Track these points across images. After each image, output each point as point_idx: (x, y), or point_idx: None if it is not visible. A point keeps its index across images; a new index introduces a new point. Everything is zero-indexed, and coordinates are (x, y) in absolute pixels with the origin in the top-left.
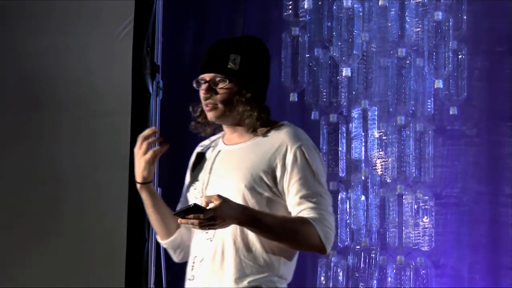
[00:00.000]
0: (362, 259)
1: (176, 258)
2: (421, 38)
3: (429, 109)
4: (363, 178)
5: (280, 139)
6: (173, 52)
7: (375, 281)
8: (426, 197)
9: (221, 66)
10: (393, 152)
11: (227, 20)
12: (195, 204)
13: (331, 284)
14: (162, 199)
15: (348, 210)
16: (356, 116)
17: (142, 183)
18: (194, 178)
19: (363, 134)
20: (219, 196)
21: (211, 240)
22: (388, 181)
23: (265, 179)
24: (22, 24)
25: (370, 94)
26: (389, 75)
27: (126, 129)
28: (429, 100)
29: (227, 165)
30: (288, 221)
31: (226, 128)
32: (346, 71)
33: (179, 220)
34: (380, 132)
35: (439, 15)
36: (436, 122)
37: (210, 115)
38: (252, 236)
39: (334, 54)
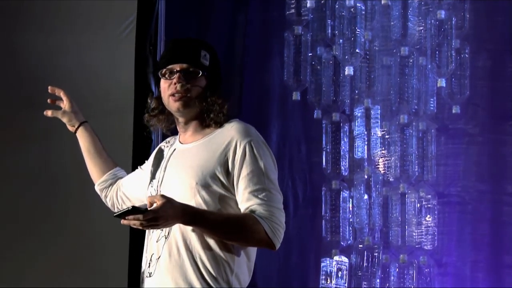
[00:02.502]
0: (365, 258)
1: (100, 182)
2: (424, 37)
3: (431, 108)
4: (366, 177)
5: (230, 135)
6: None
7: (378, 280)
8: (429, 196)
9: (194, 59)
10: (396, 151)
11: (229, 19)
12: (133, 207)
13: (333, 283)
14: (100, 143)
15: (351, 209)
16: (358, 115)
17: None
18: (152, 176)
19: (365, 133)
20: (162, 196)
21: (165, 238)
22: (391, 180)
23: (217, 175)
24: (23, 23)
25: (372, 93)
26: (391, 73)
27: (129, 127)
28: (431, 99)
29: (180, 164)
30: (233, 218)
31: (180, 127)
32: (348, 70)
33: (122, 221)
34: (382, 131)
35: (441, 14)
36: (438, 121)
37: (179, 104)
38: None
39: (337, 53)
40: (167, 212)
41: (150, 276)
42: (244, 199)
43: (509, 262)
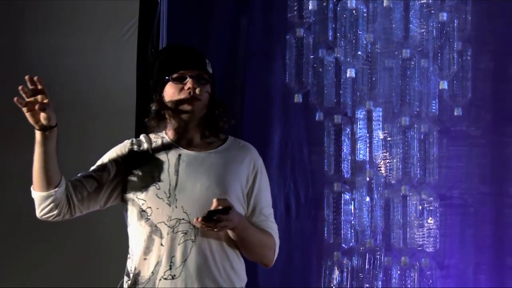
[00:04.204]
0: (366, 260)
1: (41, 211)
2: (426, 39)
3: (433, 110)
4: (367, 179)
5: (247, 153)
6: None
7: (379, 282)
8: (431, 198)
9: (204, 67)
10: (398, 153)
11: (231, 22)
12: (229, 207)
13: (335, 285)
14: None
15: (352, 211)
16: (360, 117)
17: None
18: (154, 178)
19: (367, 135)
20: (227, 200)
21: (193, 241)
22: (392, 182)
23: (238, 186)
24: (26, 25)
25: (374, 95)
26: (393, 76)
27: (130, 129)
28: (433, 101)
29: (200, 170)
30: (263, 235)
31: (180, 131)
32: (350, 72)
33: (198, 220)
34: (384, 133)
35: (443, 16)
36: (440, 123)
37: (193, 108)
38: (229, 239)
39: (339, 55)
40: (235, 217)
41: (173, 278)
42: (257, 214)
43: (511, 264)
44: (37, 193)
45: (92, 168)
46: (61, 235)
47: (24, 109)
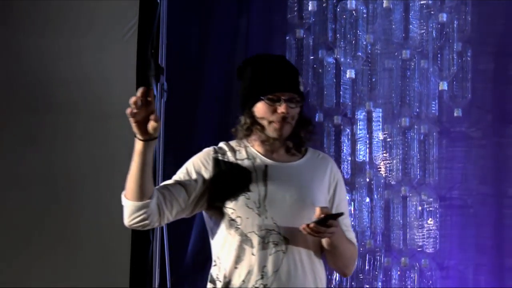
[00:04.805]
0: (366, 260)
1: (131, 220)
2: (426, 40)
3: (433, 111)
4: (367, 180)
5: (327, 164)
6: (178, 53)
7: (379, 283)
8: (431, 199)
9: (297, 88)
10: (398, 154)
11: (231, 22)
12: (342, 213)
13: (335, 286)
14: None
15: (352, 212)
16: (360, 117)
17: (140, 140)
18: (242, 188)
19: (367, 136)
20: (328, 208)
21: (284, 252)
22: (392, 183)
23: (321, 198)
24: (24, 26)
25: (374, 96)
26: (393, 76)
27: (130, 131)
28: (433, 102)
29: (289, 181)
30: (348, 242)
31: (268, 144)
32: (350, 73)
33: (310, 226)
34: (384, 134)
35: (443, 17)
36: (440, 124)
37: (283, 132)
38: (316, 249)
39: (338, 56)
40: (338, 225)
41: (265, 287)
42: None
43: (511, 265)
44: (130, 202)
45: (177, 176)
46: (61, 235)
47: (132, 120)
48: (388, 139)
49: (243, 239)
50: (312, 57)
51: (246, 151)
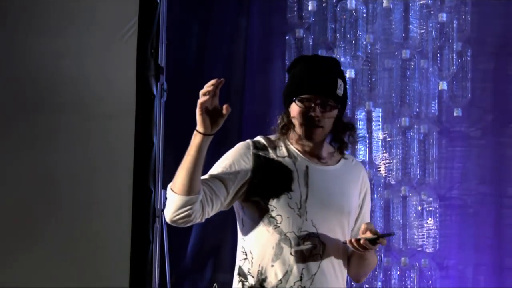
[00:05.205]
0: None
1: (176, 215)
2: (425, 40)
3: (433, 111)
4: None
5: (360, 171)
6: (177, 53)
7: (379, 283)
8: (431, 199)
9: (332, 91)
10: (398, 153)
11: (230, 22)
12: (393, 233)
13: None
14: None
15: None
16: (360, 117)
17: (201, 133)
18: (284, 188)
19: (367, 135)
20: (373, 225)
21: (321, 256)
22: (392, 182)
23: (355, 204)
24: (25, 25)
25: (374, 96)
26: (393, 76)
27: (130, 130)
28: (433, 102)
29: (327, 186)
30: (374, 253)
31: (310, 143)
32: (350, 73)
33: (355, 242)
34: (384, 134)
35: (443, 17)
36: (440, 124)
37: (312, 136)
38: (344, 257)
39: (338, 55)
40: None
41: None
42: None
43: (511, 264)
44: (178, 196)
45: (215, 170)
46: (61, 235)
47: (199, 111)
48: (388, 139)
49: (282, 238)
50: None
51: (287, 149)
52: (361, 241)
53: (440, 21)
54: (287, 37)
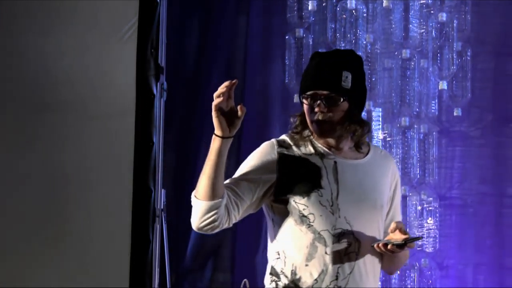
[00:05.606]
0: None
1: (202, 221)
2: (425, 39)
3: (433, 110)
4: None
5: (389, 163)
6: (178, 53)
7: (379, 283)
8: (431, 199)
9: (335, 85)
10: (398, 153)
11: (231, 22)
12: (422, 237)
13: None
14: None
15: None
16: None
17: (219, 137)
18: (315, 185)
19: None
20: (402, 223)
21: (357, 254)
22: None
23: (386, 198)
24: (24, 25)
25: (374, 95)
26: (393, 76)
27: (130, 130)
28: (433, 101)
29: (357, 181)
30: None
31: (329, 139)
32: None
33: (383, 247)
34: (384, 133)
35: (443, 16)
36: (440, 123)
37: (320, 132)
38: (380, 255)
39: None
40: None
41: None
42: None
43: (511, 264)
44: (202, 202)
45: (241, 173)
46: (61, 235)
47: (215, 113)
48: (388, 139)
49: (316, 237)
50: None
51: (313, 146)
52: (389, 246)
53: (440, 21)
54: (287, 37)
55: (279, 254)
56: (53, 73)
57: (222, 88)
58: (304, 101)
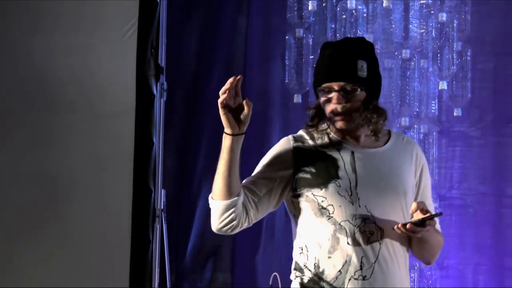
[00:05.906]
0: None
1: (221, 222)
2: (425, 39)
3: (433, 111)
4: None
5: (413, 148)
6: (178, 53)
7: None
8: None
9: (351, 75)
10: None
11: (231, 22)
12: (441, 213)
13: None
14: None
15: None
16: None
17: (229, 135)
18: (331, 175)
19: None
20: (424, 204)
21: (380, 243)
22: None
23: (410, 184)
24: (25, 25)
25: None
26: (393, 76)
27: (130, 130)
28: (433, 102)
29: (377, 169)
30: (436, 231)
31: (344, 131)
32: None
33: (402, 227)
34: None
35: (443, 16)
36: (440, 124)
37: (340, 124)
38: (406, 241)
39: None
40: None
41: (364, 279)
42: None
43: (511, 264)
44: (219, 202)
45: (258, 170)
46: (61, 235)
47: (222, 111)
48: None
49: (337, 228)
50: (312, 57)
51: (329, 138)
52: (407, 226)
53: (440, 21)
54: (287, 37)
55: (301, 249)
56: (53, 73)
57: (226, 85)
58: (321, 93)
